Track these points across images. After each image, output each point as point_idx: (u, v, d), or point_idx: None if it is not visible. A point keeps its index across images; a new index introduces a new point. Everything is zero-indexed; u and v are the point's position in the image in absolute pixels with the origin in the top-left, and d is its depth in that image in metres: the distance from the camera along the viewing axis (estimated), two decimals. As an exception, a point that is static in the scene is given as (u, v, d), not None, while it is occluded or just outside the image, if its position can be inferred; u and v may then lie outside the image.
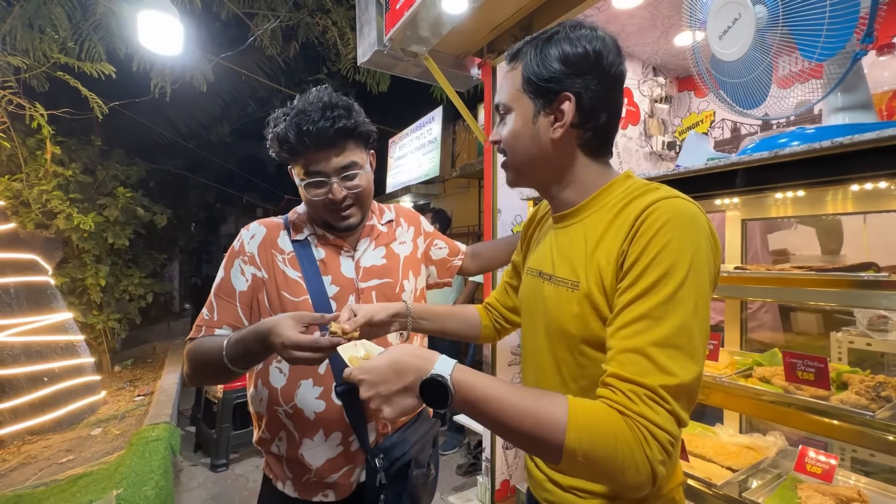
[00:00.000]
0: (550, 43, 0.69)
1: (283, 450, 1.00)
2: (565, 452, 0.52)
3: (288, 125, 0.94)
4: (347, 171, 0.97)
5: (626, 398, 0.53)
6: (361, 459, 1.00)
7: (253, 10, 5.02)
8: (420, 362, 0.60)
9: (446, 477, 3.08)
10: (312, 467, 0.98)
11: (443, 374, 0.58)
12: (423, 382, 0.58)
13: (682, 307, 0.55)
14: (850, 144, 0.79)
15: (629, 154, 3.25)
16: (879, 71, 1.09)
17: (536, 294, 0.78)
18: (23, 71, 3.77)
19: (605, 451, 0.51)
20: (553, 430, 0.52)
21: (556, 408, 0.54)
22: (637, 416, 0.52)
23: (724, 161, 1.00)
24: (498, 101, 0.77)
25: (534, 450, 0.57)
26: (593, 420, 0.52)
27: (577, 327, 0.67)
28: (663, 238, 0.57)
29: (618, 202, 0.70)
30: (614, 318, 0.59)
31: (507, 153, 0.77)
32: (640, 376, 0.53)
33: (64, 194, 4.47)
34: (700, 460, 1.21)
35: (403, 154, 6.44)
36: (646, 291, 0.56)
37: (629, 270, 0.59)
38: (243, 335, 0.88)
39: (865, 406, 0.86)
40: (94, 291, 4.77)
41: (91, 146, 5.16)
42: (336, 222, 1.01)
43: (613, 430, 0.51)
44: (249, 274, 1.00)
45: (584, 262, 0.68)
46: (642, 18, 2.54)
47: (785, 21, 0.94)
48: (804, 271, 0.97)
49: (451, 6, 1.82)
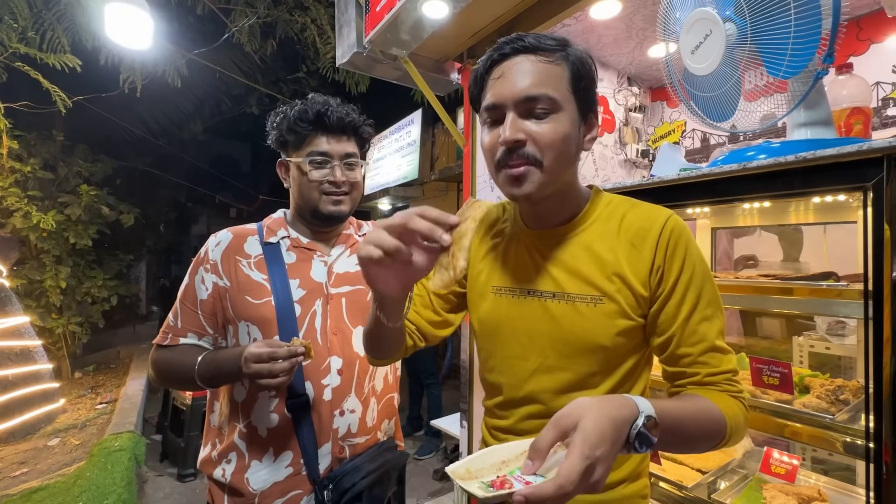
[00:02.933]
0: (581, 52, 0.69)
1: (227, 475, 0.96)
2: (727, 436, 0.64)
3: (307, 106, 1.01)
4: (350, 158, 1.04)
5: (730, 384, 0.68)
6: (310, 487, 0.96)
7: (230, 6, 4.91)
8: (627, 410, 0.52)
9: (423, 482, 3.06)
10: (256, 492, 0.94)
11: (649, 412, 0.53)
12: (643, 427, 0.52)
13: (717, 301, 0.70)
14: (813, 159, 0.83)
15: (605, 161, 3.32)
16: (838, 89, 1.15)
17: (530, 314, 0.74)
18: (-23, 60, 3.57)
19: (740, 423, 0.66)
20: (721, 424, 0.63)
21: (712, 406, 0.64)
22: (739, 394, 0.68)
23: (695, 172, 1.03)
24: (537, 94, 0.65)
25: (705, 446, 0.65)
26: (730, 407, 0.65)
27: (608, 338, 0.69)
28: (691, 251, 0.69)
29: (609, 215, 0.74)
30: (678, 328, 0.68)
31: (544, 160, 0.66)
32: (723, 366, 0.68)
33: (22, 191, 4.25)
34: (671, 462, 1.24)
35: (382, 156, 6.40)
36: (698, 300, 0.68)
37: (675, 285, 0.68)
38: (217, 356, 0.92)
39: (826, 409, 0.90)
40: (53, 294, 4.54)
41: (52, 141, 4.93)
42: (327, 206, 1.02)
43: (738, 409, 0.67)
44: (210, 283, 1.00)
45: (604, 276, 0.69)
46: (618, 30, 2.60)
47: (753, 39, 0.98)
48: (769, 280, 1.01)
49: (432, 11, 1.82)
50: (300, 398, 0.96)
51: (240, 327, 0.98)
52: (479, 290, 0.82)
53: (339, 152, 1.02)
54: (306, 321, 0.99)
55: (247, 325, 0.98)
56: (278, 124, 1.04)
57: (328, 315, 1.02)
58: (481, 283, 0.81)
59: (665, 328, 0.69)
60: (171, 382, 1.06)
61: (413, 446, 3.55)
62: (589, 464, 0.46)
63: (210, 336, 1.01)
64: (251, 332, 0.98)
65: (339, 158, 1.02)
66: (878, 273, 0.76)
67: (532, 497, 0.44)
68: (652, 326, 0.70)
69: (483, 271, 0.82)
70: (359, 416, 1.02)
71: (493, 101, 0.68)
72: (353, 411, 1.02)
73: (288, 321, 0.97)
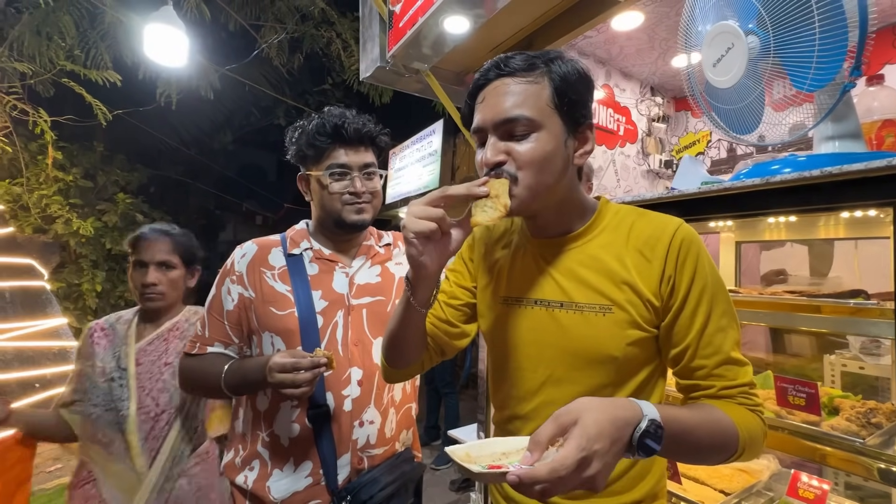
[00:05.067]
0: (569, 65, 0.69)
1: (249, 482, 0.99)
2: (739, 449, 0.63)
3: (325, 120, 1.04)
4: (368, 168, 1.07)
5: (746, 398, 0.67)
6: (328, 498, 0.98)
7: (260, 23, 5.11)
8: (630, 412, 0.52)
9: (439, 492, 3.05)
10: (276, 501, 0.96)
11: (654, 417, 0.52)
12: (644, 430, 0.51)
13: (732, 312, 0.70)
14: (839, 174, 0.81)
15: (627, 172, 3.28)
16: (869, 101, 1.12)
17: (539, 324, 0.74)
18: (28, 77, 3.81)
19: (756, 437, 0.65)
20: (734, 436, 0.62)
21: (725, 417, 0.63)
22: (756, 408, 0.67)
23: (716, 186, 1.02)
24: (513, 115, 0.66)
25: (716, 458, 0.65)
26: (745, 419, 0.64)
27: (618, 349, 0.68)
28: (703, 260, 0.69)
29: (617, 225, 0.74)
30: (693, 339, 0.67)
31: (523, 175, 0.66)
32: (739, 378, 0.67)
33: (64, 199, 4.50)
34: (693, 483, 1.21)
35: (404, 165, 6.48)
36: (711, 311, 0.67)
37: (688, 295, 0.67)
38: (242, 364, 0.95)
39: (856, 433, 0.86)
40: (89, 297, 4.76)
41: (93, 151, 5.20)
42: (350, 215, 1.04)
43: (755, 422, 0.66)
44: (236, 294, 1.03)
45: (613, 285, 0.69)
46: (640, 40, 2.58)
47: (776, 52, 0.97)
48: (795, 296, 0.98)
49: (454, 26, 1.86)
50: (321, 409, 0.98)
51: (264, 338, 1.01)
52: (487, 301, 0.82)
53: (358, 163, 1.05)
54: (328, 332, 1.01)
55: (271, 336, 1.01)
56: (297, 139, 1.07)
57: (349, 326, 1.04)
58: (489, 294, 0.82)
59: (679, 339, 0.68)
60: (198, 390, 1.11)
61: (430, 456, 3.54)
62: (584, 455, 0.46)
63: (236, 345, 1.04)
64: (275, 342, 1.00)
65: (358, 169, 1.05)
66: (910, 292, 0.74)
67: (525, 477, 0.45)
68: (666, 338, 0.70)
69: (491, 282, 0.82)
70: (378, 426, 1.04)
71: (477, 125, 0.70)
72: (373, 422, 1.03)
73: (310, 332, 0.99)
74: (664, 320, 0.69)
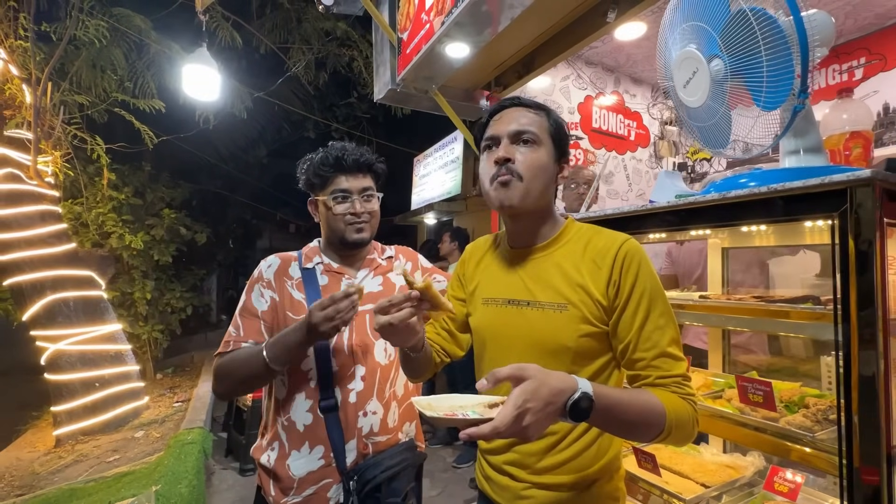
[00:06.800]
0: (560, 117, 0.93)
1: (272, 460, 1.13)
2: (666, 429, 0.72)
3: (328, 153, 1.20)
4: (366, 192, 1.22)
5: (679, 387, 0.77)
6: (339, 477, 1.12)
7: (288, 45, 5.43)
8: (567, 384, 0.63)
9: (459, 490, 3.16)
10: (295, 478, 1.11)
11: (587, 390, 0.64)
12: (576, 400, 0.62)
13: (670, 314, 0.81)
14: (782, 190, 0.89)
15: (639, 176, 3.30)
16: (838, 113, 1.17)
17: (510, 320, 0.89)
18: (86, 107, 4.24)
19: (684, 420, 0.74)
20: (661, 417, 0.72)
21: (655, 400, 0.73)
22: (688, 396, 0.77)
23: (684, 200, 1.10)
24: (524, 129, 0.86)
25: (645, 435, 0.73)
26: (674, 404, 0.74)
27: (571, 340, 0.82)
28: (644, 269, 0.81)
29: (577, 238, 0.90)
30: (634, 335, 0.79)
31: (523, 174, 0.85)
32: (674, 370, 0.78)
33: (117, 216, 4.94)
34: (676, 476, 1.28)
35: (427, 172, 6.64)
36: (649, 311, 0.79)
37: (629, 297, 0.80)
38: (281, 334, 1.06)
39: (808, 427, 0.93)
40: (140, 304, 5.20)
41: (141, 171, 5.67)
42: (351, 234, 1.20)
43: (684, 407, 0.75)
44: (268, 297, 1.18)
45: (569, 287, 0.84)
46: (647, 48, 2.63)
47: (734, 76, 1.05)
48: (755, 301, 1.05)
49: (455, 51, 2.00)
50: (329, 400, 1.13)
51: None
52: (473, 303, 1.00)
53: (358, 188, 1.20)
54: (336, 335, 1.16)
55: None
56: (305, 170, 1.24)
57: (354, 329, 1.19)
58: (475, 297, 0.99)
59: (623, 335, 0.81)
60: (236, 382, 1.13)
61: (452, 455, 3.66)
62: (519, 412, 0.59)
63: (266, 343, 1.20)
64: None
65: (357, 193, 1.20)
66: (846, 300, 0.80)
67: (474, 434, 0.59)
68: (613, 334, 0.83)
69: (477, 287, 1.00)
70: (380, 417, 1.18)
71: (492, 133, 0.90)
72: (375, 413, 1.18)
73: None
74: (612, 318, 0.82)
